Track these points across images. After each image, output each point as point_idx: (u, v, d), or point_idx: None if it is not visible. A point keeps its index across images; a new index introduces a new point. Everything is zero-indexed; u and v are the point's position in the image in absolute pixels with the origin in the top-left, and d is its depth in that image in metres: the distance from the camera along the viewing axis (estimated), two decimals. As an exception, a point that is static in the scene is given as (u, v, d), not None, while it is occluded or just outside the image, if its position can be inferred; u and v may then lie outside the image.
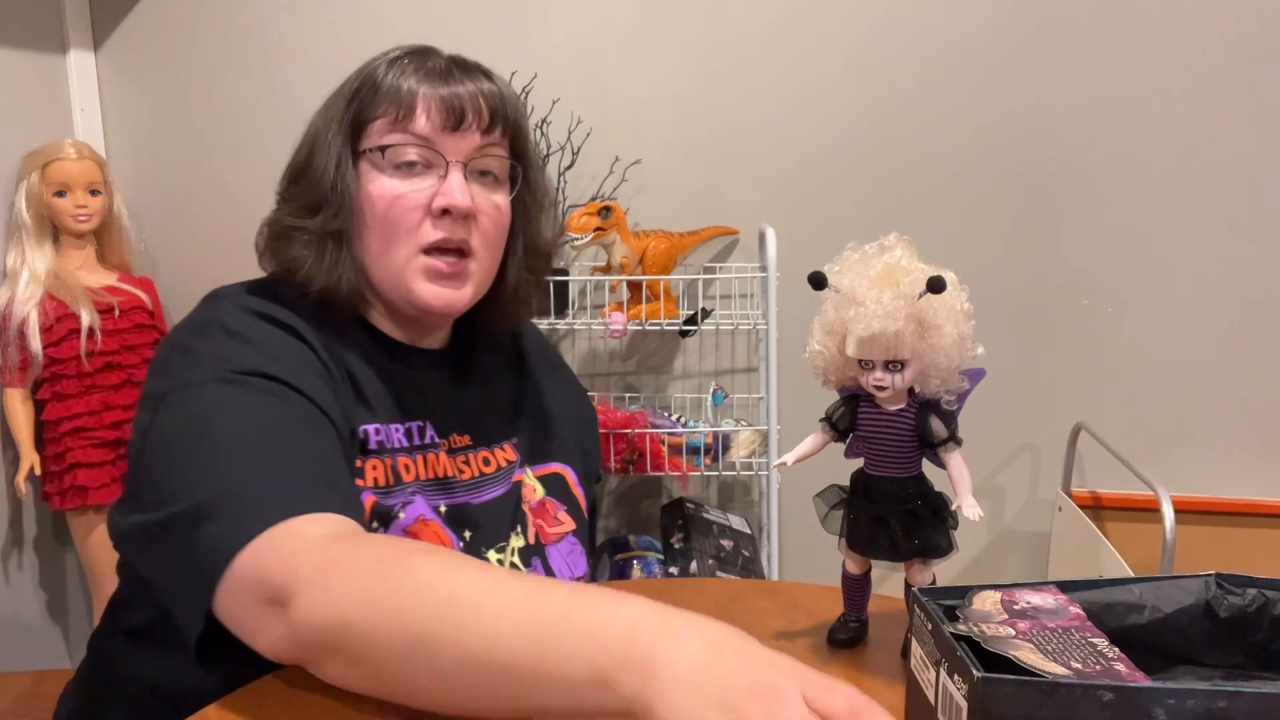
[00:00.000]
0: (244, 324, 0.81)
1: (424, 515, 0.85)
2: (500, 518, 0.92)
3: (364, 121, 0.86)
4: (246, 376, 0.76)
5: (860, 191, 1.78)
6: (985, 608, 0.61)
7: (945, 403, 0.72)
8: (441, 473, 0.89)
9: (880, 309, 0.68)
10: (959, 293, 0.71)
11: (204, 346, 0.79)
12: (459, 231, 0.86)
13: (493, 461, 0.94)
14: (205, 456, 0.71)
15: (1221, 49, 1.66)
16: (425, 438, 0.89)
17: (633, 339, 1.87)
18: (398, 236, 0.85)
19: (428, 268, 0.86)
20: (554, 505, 0.98)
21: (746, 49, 1.75)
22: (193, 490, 0.69)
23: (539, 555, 0.94)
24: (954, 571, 1.89)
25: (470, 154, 0.86)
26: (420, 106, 0.84)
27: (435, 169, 0.85)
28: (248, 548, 0.65)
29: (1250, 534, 1.71)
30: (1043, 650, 0.55)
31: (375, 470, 0.84)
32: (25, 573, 1.79)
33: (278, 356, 0.79)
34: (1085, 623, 0.59)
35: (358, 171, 0.86)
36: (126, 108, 1.83)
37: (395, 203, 0.84)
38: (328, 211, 0.85)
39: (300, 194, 0.87)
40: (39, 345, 1.60)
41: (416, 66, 0.86)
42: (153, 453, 0.74)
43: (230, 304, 0.83)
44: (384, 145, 0.85)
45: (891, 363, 0.69)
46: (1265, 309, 1.72)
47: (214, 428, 0.73)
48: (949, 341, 0.69)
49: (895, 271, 0.70)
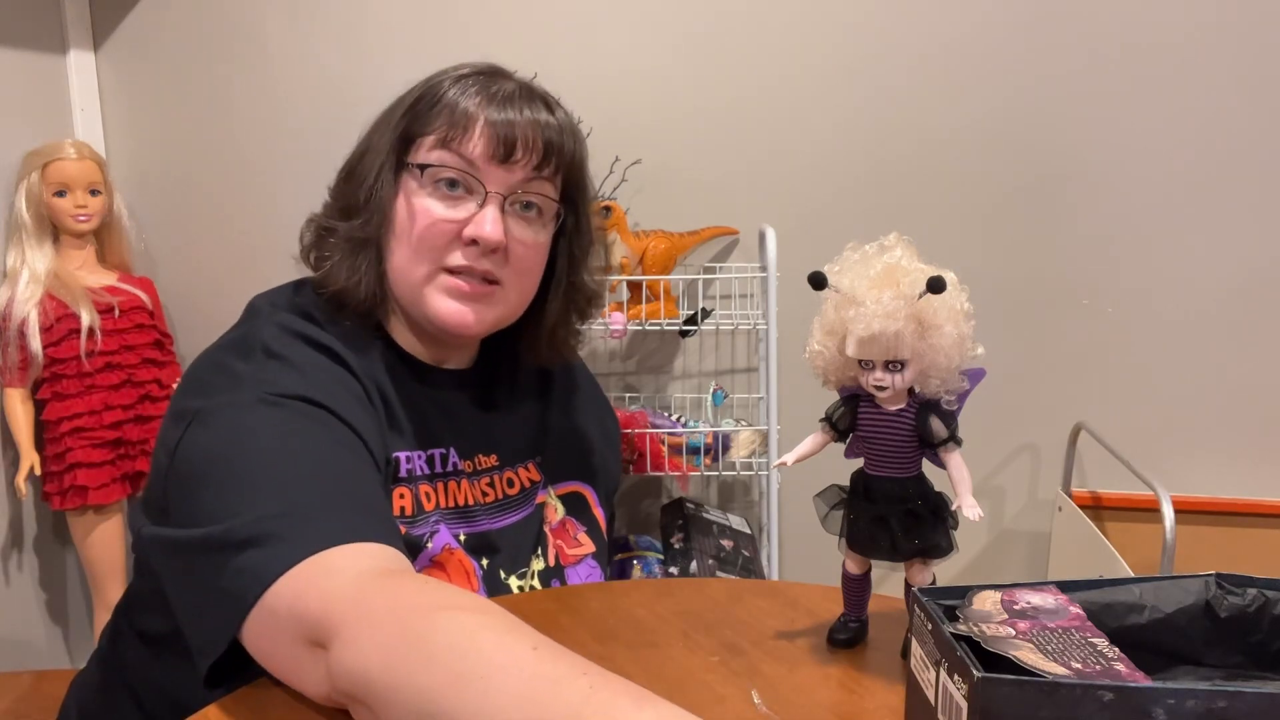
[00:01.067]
0: (285, 345, 0.80)
1: (449, 544, 0.84)
2: (522, 542, 0.91)
3: (415, 134, 0.85)
4: (289, 400, 0.74)
5: (860, 191, 1.78)
6: (985, 608, 0.61)
7: (945, 403, 0.72)
8: (463, 501, 0.88)
9: (880, 309, 0.68)
10: (959, 293, 0.71)
11: (245, 367, 0.78)
12: (484, 262, 0.85)
13: (516, 483, 0.93)
14: (243, 479, 0.69)
15: (1222, 49, 1.66)
16: (447, 465, 0.88)
17: (633, 339, 1.87)
18: (424, 255, 0.84)
19: (448, 285, 0.85)
20: (574, 526, 0.97)
21: (747, 49, 1.75)
22: (229, 513, 0.67)
23: (558, 577, 0.93)
24: (954, 571, 1.89)
25: (514, 187, 0.85)
26: (473, 130, 0.83)
27: (475, 195, 0.84)
28: (284, 578, 0.63)
29: (1250, 534, 1.71)
30: (1043, 650, 0.55)
31: (403, 499, 0.83)
32: (25, 573, 1.79)
33: (319, 381, 0.78)
34: (1085, 623, 0.59)
35: (398, 183, 0.85)
36: (126, 108, 1.83)
37: (427, 223, 0.83)
38: (362, 217, 0.85)
39: (344, 194, 0.88)
40: (39, 345, 1.59)
41: (481, 88, 0.85)
42: (187, 470, 0.72)
43: (271, 322, 0.82)
44: (427, 164, 0.84)
45: (891, 363, 0.69)
46: (1265, 309, 1.72)
47: (253, 450, 0.71)
48: (949, 341, 0.69)
49: (895, 271, 0.70)
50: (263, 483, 0.68)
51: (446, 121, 0.83)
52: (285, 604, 0.62)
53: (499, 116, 0.83)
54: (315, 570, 0.63)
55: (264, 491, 0.68)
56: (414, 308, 0.86)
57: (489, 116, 0.83)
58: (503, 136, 0.83)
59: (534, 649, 0.55)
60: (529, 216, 0.87)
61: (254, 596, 0.63)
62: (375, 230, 0.85)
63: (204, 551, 0.67)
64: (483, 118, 0.83)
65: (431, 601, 0.59)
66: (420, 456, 0.86)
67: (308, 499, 0.68)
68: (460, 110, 0.83)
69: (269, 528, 0.65)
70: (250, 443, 0.71)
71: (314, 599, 0.61)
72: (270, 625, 0.63)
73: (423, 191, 0.84)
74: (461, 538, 0.86)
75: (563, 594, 0.86)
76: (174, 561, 0.71)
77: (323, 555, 0.63)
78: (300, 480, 0.69)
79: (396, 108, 0.87)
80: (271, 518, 0.66)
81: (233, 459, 0.70)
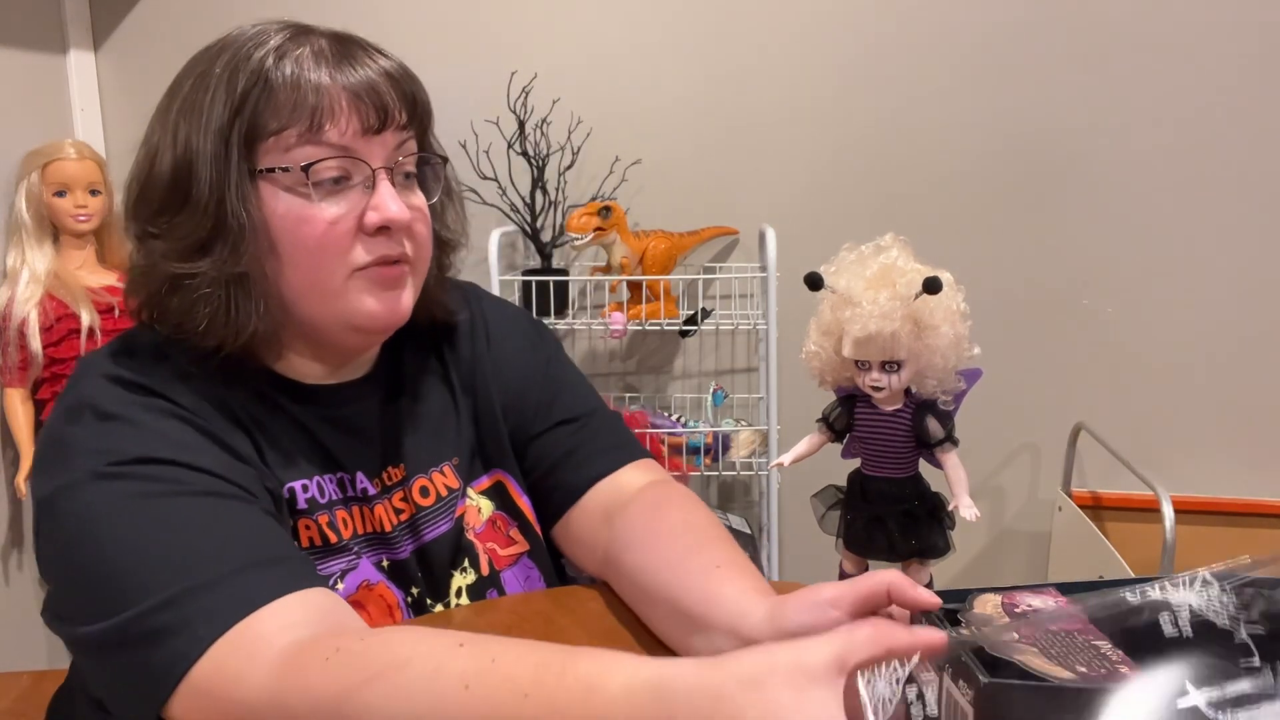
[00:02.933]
0: (115, 401, 0.69)
1: (368, 580, 0.78)
2: (443, 562, 0.83)
3: (261, 134, 0.70)
4: (128, 466, 0.66)
5: (860, 191, 1.77)
6: (987, 611, 0.60)
7: (942, 403, 0.72)
8: (379, 526, 0.80)
9: (876, 309, 0.68)
10: (955, 293, 0.71)
11: (75, 435, 0.68)
12: (395, 247, 0.74)
13: (431, 491, 0.84)
14: (108, 571, 0.62)
15: (1222, 49, 1.66)
16: (356, 488, 0.79)
17: (633, 339, 1.87)
18: (328, 265, 0.72)
19: (369, 282, 0.73)
20: (505, 522, 0.88)
21: (747, 49, 1.75)
22: (106, 609, 0.61)
23: (495, 586, 0.85)
24: (953, 572, 1.89)
25: (391, 155, 0.74)
26: (337, 110, 0.70)
27: (356, 177, 0.72)
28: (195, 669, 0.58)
29: (1250, 534, 1.71)
30: (1047, 654, 0.54)
31: (309, 530, 0.75)
32: (25, 573, 1.79)
33: (160, 431, 0.68)
34: (1087, 625, 0.58)
35: (258, 194, 0.70)
36: (126, 108, 1.83)
37: (322, 230, 0.70)
38: (222, 250, 0.70)
39: (178, 227, 0.70)
40: (39, 345, 1.60)
41: (315, 55, 0.71)
42: (53, 564, 0.67)
43: (97, 376, 0.71)
44: (299, 165, 0.70)
45: (888, 363, 0.69)
46: (1265, 309, 1.72)
47: (109, 535, 0.63)
48: (945, 342, 0.69)
49: (891, 272, 0.70)
50: (131, 574, 0.62)
51: (301, 108, 0.69)
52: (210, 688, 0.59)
53: (354, 82, 0.71)
54: (226, 652, 0.59)
55: (136, 584, 0.61)
56: (330, 321, 0.75)
57: (348, 85, 0.71)
58: (371, 105, 0.71)
59: (465, 688, 0.53)
60: (409, 184, 0.77)
61: (163, 697, 0.59)
62: (252, 259, 0.70)
63: (100, 650, 0.62)
64: (343, 91, 0.70)
65: (341, 685, 0.56)
66: (329, 481, 0.77)
67: (186, 578, 0.61)
68: (312, 91, 0.70)
69: (156, 623, 0.60)
70: (101, 531, 0.64)
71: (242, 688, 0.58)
72: (199, 709, 0.59)
73: (296, 196, 0.70)
74: (385, 564, 0.80)
75: (560, 594, 0.85)
76: (78, 652, 0.66)
77: (228, 636, 0.59)
78: (171, 558, 0.62)
79: (210, 102, 0.70)
80: (154, 611, 0.60)
81: (89, 554, 0.64)
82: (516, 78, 1.72)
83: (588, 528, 0.85)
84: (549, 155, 1.73)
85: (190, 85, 0.72)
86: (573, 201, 1.74)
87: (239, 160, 0.69)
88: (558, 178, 1.74)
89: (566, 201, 1.75)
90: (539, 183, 1.72)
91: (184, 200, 0.70)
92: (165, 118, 0.72)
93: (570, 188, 1.76)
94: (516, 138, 1.72)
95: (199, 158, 0.69)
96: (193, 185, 0.69)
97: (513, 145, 1.72)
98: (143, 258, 0.73)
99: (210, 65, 0.71)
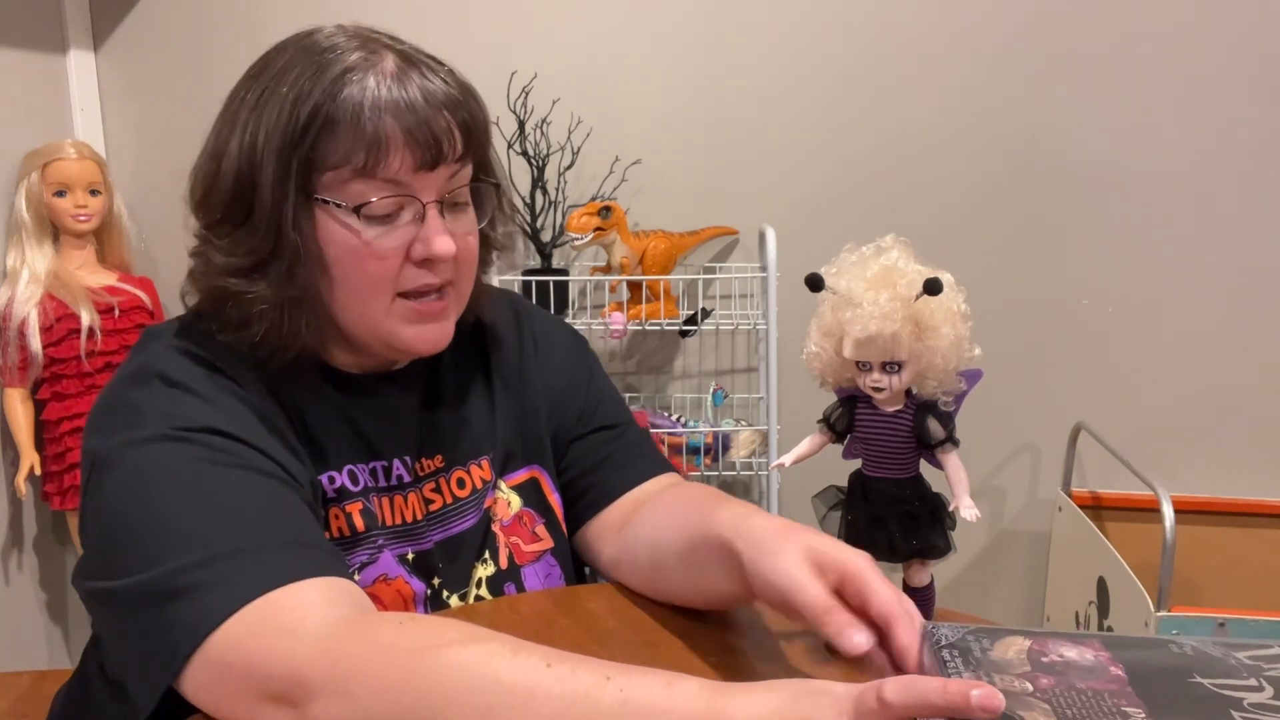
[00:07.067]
0: (185, 371, 0.73)
1: (386, 574, 0.79)
2: (469, 553, 0.85)
3: (319, 166, 0.72)
4: (195, 433, 0.69)
5: (860, 192, 1.77)
6: (1007, 655, 0.54)
7: (943, 404, 0.72)
8: (409, 516, 0.82)
9: (877, 310, 0.68)
10: (956, 294, 0.71)
11: (144, 399, 0.71)
12: (441, 274, 0.77)
13: (467, 483, 0.87)
14: (156, 528, 0.65)
15: (1222, 50, 1.66)
16: (392, 478, 0.82)
17: (633, 339, 1.87)
18: (375, 290, 0.75)
19: (410, 312, 0.77)
20: (532, 519, 0.90)
21: (746, 49, 1.75)
22: (147, 564, 0.63)
23: (513, 580, 0.87)
24: (954, 572, 1.89)
25: (443, 189, 0.76)
26: (393, 147, 0.72)
27: (407, 210, 0.75)
28: (221, 630, 0.60)
29: (1250, 534, 1.71)
30: (1059, 714, 0.48)
31: (338, 520, 0.78)
32: (25, 573, 1.79)
33: (226, 407, 0.72)
34: (1125, 688, 0.51)
35: (313, 220, 0.74)
36: (126, 108, 1.83)
37: (371, 259, 0.74)
38: (279, 271, 0.73)
39: (239, 244, 0.74)
40: (39, 345, 1.60)
41: (376, 83, 0.73)
42: (99, 520, 0.68)
43: (167, 348, 0.75)
44: (355, 204, 0.73)
45: (889, 364, 0.69)
46: (1265, 309, 1.72)
47: (162, 495, 0.66)
48: (946, 343, 0.69)
49: (892, 273, 0.70)
50: (178, 530, 0.64)
51: (358, 146, 0.71)
52: (231, 658, 0.59)
53: (412, 118, 0.72)
54: (258, 619, 0.60)
55: (182, 539, 0.64)
56: (373, 341, 0.79)
57: (404, 124, 0.72)
58: (424, 142, 0.73)
59: (549, 666, 0.54)
60: (459, 210, 0.79)
61: (185, 653, 0.60)
62: (306, 279, 0.74)
63: (130, 605, 0.64)
64: (399, 129, 0.72)
65: (419, 643, 0.57)
66: (363, 470, 0.80)
67: (231, 542, 0.64)
68: (373, 129, 0.71)
69: (193, 578, 0.62)
70: (158, 486, 0.66)
71: (270, 655, 0.58)
72: (215, 678, 0.60)
73: (349, 225, 0.73)
74: (410, 557, 0.81)
75: (559, 595, 0.86)
76: (105, 612, 0.68)
77: (260, 602, 0.61)
78: (220, 522, 0.65)
79: (273, 127, 0.72)
80: (194, 567, 0.62)
81: (142, 506, 0.66)
82: (516, 78, 1.72)
83: (613, 526, 0.89)
84: (549, 155, 1.73)
85: (259, 92, 0.74)
86: (573, 201, 1.74)
87: (297, 186, 0.72)
88: (558, 178, 1.74)
89: (566, 201, 1.75)
90: (539, 183, 1.72)
91: (246, 215, 0.73)
92: (234, 117, 0.75)
93: (570, 188, 1.76)
94: (516, 138, 1.72)
95: (262, 176, 0.72)
96: (255, 203, 0.72)
97: (512, 145, 1.72)
98: (201, 263, 0.76)
99: (281, 74, 0.74)
